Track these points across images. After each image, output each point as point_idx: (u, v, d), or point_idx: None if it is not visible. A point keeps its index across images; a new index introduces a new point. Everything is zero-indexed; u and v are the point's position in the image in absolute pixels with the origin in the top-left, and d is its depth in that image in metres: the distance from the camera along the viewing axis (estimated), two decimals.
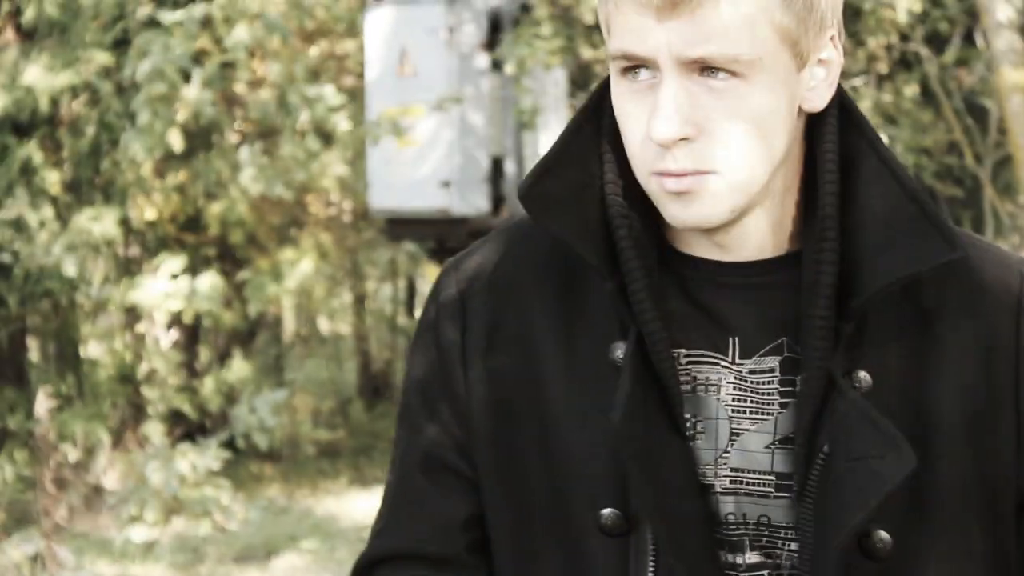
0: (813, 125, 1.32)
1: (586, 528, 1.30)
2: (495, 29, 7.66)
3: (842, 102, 1.32)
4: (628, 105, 1.27)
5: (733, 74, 1.22)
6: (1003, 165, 8.39)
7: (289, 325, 15.88)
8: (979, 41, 6.73)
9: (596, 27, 9.75)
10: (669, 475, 1.27)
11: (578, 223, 1.31)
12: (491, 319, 1.36)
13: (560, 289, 1.35)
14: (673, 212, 1.27)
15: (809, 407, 1.26)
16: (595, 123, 1.34)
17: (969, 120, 7.21)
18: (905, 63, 8.26)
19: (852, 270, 1.27)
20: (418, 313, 13.98)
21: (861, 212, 1.29)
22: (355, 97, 10.68)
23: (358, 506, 10.29)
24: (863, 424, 1.24)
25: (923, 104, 8.17)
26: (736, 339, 1.31)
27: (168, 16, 8.67)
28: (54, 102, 10.20)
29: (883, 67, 7.56)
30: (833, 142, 1.30)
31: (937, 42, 7.78)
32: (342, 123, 8.91)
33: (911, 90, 8.27)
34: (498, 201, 7.96)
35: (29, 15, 10.12)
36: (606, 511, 1.29)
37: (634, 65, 1.25)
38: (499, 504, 1.36)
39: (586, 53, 10.39)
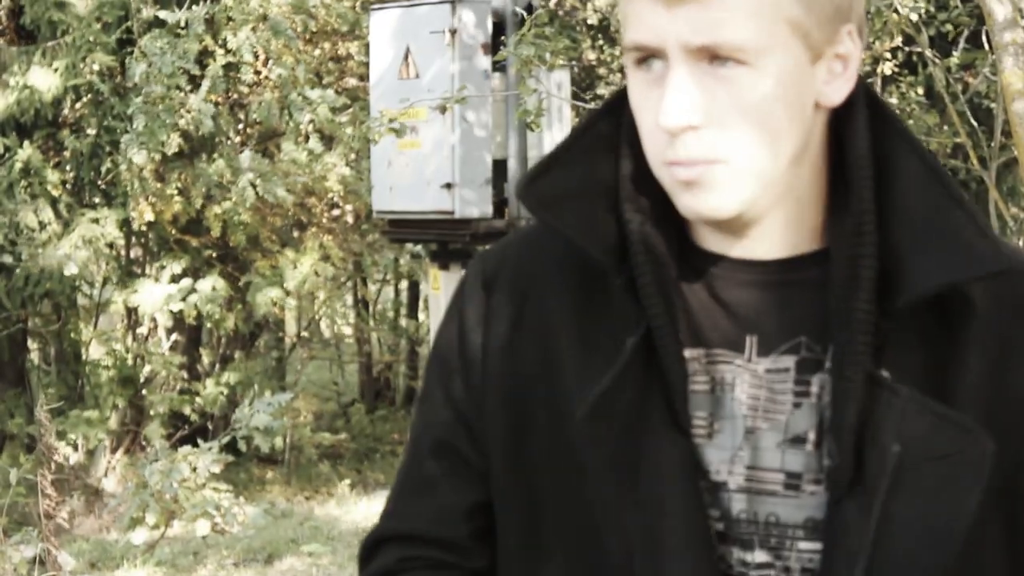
0: (839, 122, 1.30)
1: (593, 520, 1.30)
2: (498, 31, 7.65)
3: (872, 101, 1.31)
4: (641, 96, 1.27)
5: (741, 63, 1.22)
6: (1008, 168, 8.38)
7: (291, 328, 15.86)
8: (985, 44, 6.71)
9: (599, 29, 9.74)
10: (666, 472, 1.27)
11: (586, 218, 1.31)
12: (513, 311, 1.38)
13: (579, 283, 1.35)
14: (685, 202, 1.26)
15: (854, 404, 1.24)
16: (614, 120, 1.34)
17: (974, 123, 7.20)
18: (910, 65, 8.25)
19: (890, 269, 1.26)
20: (421, 316, 13.91)
21: (900, 212, 1.27)
22: (357, 99, 10.67)
23: (359, 509, 10.26)
24: (930, 419, 1.23)
25: (928, 107, 8.17)
26: (754, 337, 1.30)
27: (172, 16, 8.65)
28: (56, 103, 10.19)
29: (888, 69, 7.55)
30: (865, 139, 1.29)
31: (943, 45, 7.77)
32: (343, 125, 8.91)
33: (916, 93, 8.26)
34: (501, 203, 7.95)
35: (30, 16, 10.10)
36: None
37: (647, 56, 1.25)
38: (508, 493, 1.37)
39: (590, 55, 10.39)
